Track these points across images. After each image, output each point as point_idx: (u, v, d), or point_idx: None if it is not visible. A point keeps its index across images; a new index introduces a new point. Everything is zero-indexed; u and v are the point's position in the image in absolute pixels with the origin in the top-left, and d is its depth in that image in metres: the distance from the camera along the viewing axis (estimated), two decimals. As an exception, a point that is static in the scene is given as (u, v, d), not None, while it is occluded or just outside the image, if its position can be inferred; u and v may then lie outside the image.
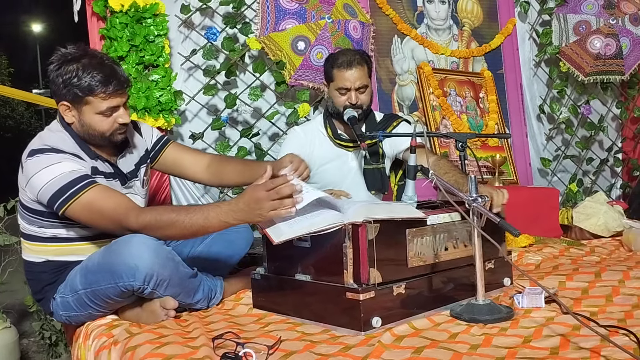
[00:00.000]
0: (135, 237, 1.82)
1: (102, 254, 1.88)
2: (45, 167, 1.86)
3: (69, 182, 1.84)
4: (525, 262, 2.60)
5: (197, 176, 2.28)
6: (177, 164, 2.26)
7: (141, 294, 1.85)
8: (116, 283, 1.81)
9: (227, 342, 1.61)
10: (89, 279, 1.87)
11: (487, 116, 3.71)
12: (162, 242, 1.86)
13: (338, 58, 2.62)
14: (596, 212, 3.16)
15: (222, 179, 2.26)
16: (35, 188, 1.87)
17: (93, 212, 1.86)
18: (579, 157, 4.10)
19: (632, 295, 1.91)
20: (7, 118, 16.58)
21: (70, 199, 1.83)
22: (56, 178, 1.84)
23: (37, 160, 1.88)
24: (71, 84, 1.88)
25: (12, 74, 16.73)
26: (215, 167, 2.24)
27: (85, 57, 1.91)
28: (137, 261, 1.78)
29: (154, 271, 1.80)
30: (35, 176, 1.87)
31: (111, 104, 1.91)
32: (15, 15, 18.79)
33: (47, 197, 1.85)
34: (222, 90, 3.25)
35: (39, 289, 2.06)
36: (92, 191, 1.85)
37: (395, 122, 2.74)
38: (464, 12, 3.85)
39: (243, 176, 2.20)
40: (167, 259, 1.86)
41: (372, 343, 1.59)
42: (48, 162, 1.87)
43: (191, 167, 2.25)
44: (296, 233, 1.76)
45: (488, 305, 1.78)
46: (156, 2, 2.89)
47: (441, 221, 1.91)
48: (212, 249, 2.20)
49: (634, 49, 3.87)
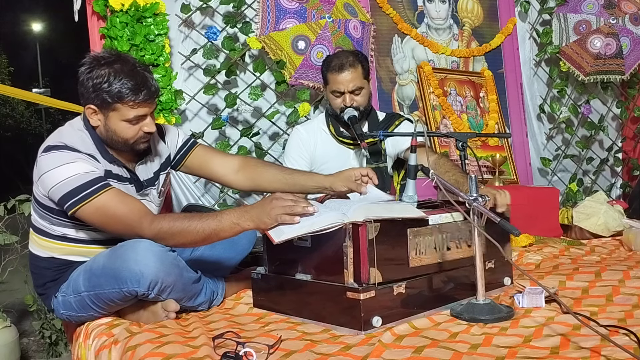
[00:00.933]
0: (141, 242, 1.81)
1: (107, 258, 1.87)
2: (59, 166, 1.83)
3: (83, 183, 1.81)
4: (525, 262, 2.60)
5: (227, 179, 2.23)
6: (204, 167, 2.22)
7: (144, 298, 1.85)
8: (120, 288, 1.81)
9: (227, 341, 1.61)
10: (93, 282, 1.87)
11: (487, 116, 3.71)
12: (168, 249, 1.86)
13: (331, 61, 2.62)
14: (596, 211, 3.16)
15: (259, 184, 2.22)
16: (47, 185, 1.85)
17: (106, 216, 1.84)
18: (579, 156, 4.10)
19: (632, 295, 1.91)
20: (7, 117, 16.58)
21: (82, 200, 1.81)
22: (70, 178, 1.81)
23: (52, 157, 1.85)
24: (101, 89, 1.85)
25: (12, 73, 16.73)
26: (248, 172, 2.20)
27: (118, 63, 1.88)
28: (142, 268, 1.77)
29: (158, 278, 1.80)
30: (48, 173, 1.84)
31: (139, 112, 1.89)
32: (15, 14, 18.79)
33: (59, 196, 1.83)
34: (223, 89, 3.24)
35: (41, 284, 2.06)
36: (107, 194, 1.83)
37: (398, 121, 2.74)
38: (464, 12, 3.84)
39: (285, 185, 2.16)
40: (172, 265, 1.85)
41: (373, 342, 1.59)
42: (62, 160, 1.83)
43: (220, 170, 2.21)
44: (296, 233, 1.76)
45: (488, 304, 1.78)
46: (156, 2, 2.89)
47: (442, 221, 1.91)
48: (215, 249, 2.20)
49: (634, 48, 3.87)
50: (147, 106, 1.90)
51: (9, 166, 16.28)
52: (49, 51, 19.71)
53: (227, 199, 3.19)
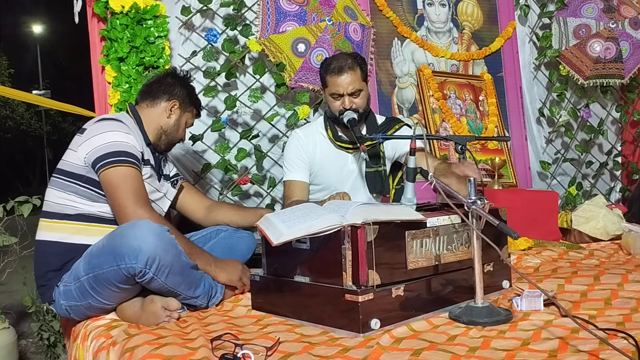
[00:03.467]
0: (140, 221, 1.89)
1: (106, 238, 1.93)
2: (110, 131, 2.09)
3: (122, 151, 2.06)
4: (524, 265, 2.61)
5: (196, 215, 2.51)
6: (184, 200, 2.50)
7: (142, 278, 1.85)
8: (118, 265, 1.83)
9: (225, 343, 1.61)
10: (92, 263, 1.90)
11: (487, 119, 3.72)
12: (166, 229, 1.91)
13: (330, 64, 2.62)
14: (595, 215, 3.16)
15: (215, 219, 2.49)
16: (92, 145, 2.06)
17: (117, 184, 2.03)
18: (579, 160, 4.10)
19: (630, 299, 1.91)
20: (7, 119, 16.57)
21: (113, 163, 2.03)
22: (116, 142, 2.06)
23: (106, 124, 2.12)
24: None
25: (12, 75, 16.73)
26: (212, 209, 2.50)
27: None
28: (141, 243, 1.81)
29: (156, 254, 1.82)
30: (99, 135, 2.08)
31: (192, 122, 2.45)
32: (16, 16, 18.80)
33: (98, 154, 2.04)
34: (222, 91, 3.25)
35: (42, 273, 2.09)
36: (131, 169, 2.06)
37: (397, 125, 2.74)
38: (464, 15, 3.85)
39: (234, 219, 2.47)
40: (169, 244, 1.89)
41: (371, 345, 1.59)
42: (113, 127, 2.10)
43: (194, 206, 2.51)
44: (295, 234, 1.77)
45: (487, 307, 1.79)
46: (157, 4, 2.90)
47: (440, 223, 1.91)
48: (213, 254, 2.20)
49: (633, 52, 3.87)
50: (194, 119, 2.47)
51: (8, 168, 16.30)
52: (50, 53, 19.72)
53: (226, 200, 3.19)
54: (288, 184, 2.71)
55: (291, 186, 2.69)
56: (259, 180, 3.22)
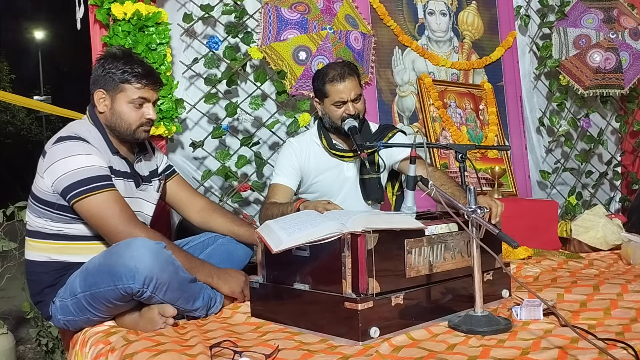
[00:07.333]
0: (136, 240, 1.85)
1: (102, 256, 1.90)
2: (71, 155, 1.95)
3: (91, 177, 1.94)
4: (523, 274, 2.60)
5: (189, 215, 2.41)
6: (176, 197, 2.39)
7: (140, 297, 1.84)
8: (115, 285, 1.81)
9: (224, 350, 1.61)
10: (89, 281, 1.88)
11: (487, 128, 3.72)
12: (163, 246, 1.88)
13: (328, 73, 2.60)
14: (595, 225, 3.16)
15: (210, 226, 2.40)
16: (56, 173, 1.94)
17: (99, 214, 1.95)
18: (578, 170, 4.10)
19: (630, 309, 1.91)
20: (8, 124, 16.57)
21: (86, 193, 1.92)
22: (80, 169, 1.94)
23: (65, 147, 1.97)
24: (111, 72, 2.05)
25: (14, 81, 16.76)
26: (207, 214, 2.40)
27: (130, 57, 2.11)
28: (137, 263, 1.79)
29: (153, 274, 1.80)
30: (61, 161, 1.94)
31: (143, 94, 2.07)
32: (18, 22, 18.85)
33: (65, 184, 1.93)
34: (223, 99, 3.26)
35: (38, 291, 2.07)
36: (109, 194, 1.96)
37: (391, 132, 2.74)
38: (464, 25, 3.87)
39: (229, 232, 2.38)
40: (166, 262, 1.86)
41: (370, 353, 1.59)
42: (75, 150, 1.96)
43: (187, 205, 2.40)
44: (295, 242, 1.77)
45: (486, 316, 1.78)
46: (159, 11, 2.91)
47: (440, 232, 1.91)
48: (211, 260, 2.20)
49: (633, 63, 3.88)
50: (151, 90, 2.10)
51: (9, 173, 16.29)
52: (51, 59, 19.77)
53: (225, 207, 3.19)
54: (273, 186, 2.69)
55: (275, 188, 2.67)
56: (259, 187, 3.22)
